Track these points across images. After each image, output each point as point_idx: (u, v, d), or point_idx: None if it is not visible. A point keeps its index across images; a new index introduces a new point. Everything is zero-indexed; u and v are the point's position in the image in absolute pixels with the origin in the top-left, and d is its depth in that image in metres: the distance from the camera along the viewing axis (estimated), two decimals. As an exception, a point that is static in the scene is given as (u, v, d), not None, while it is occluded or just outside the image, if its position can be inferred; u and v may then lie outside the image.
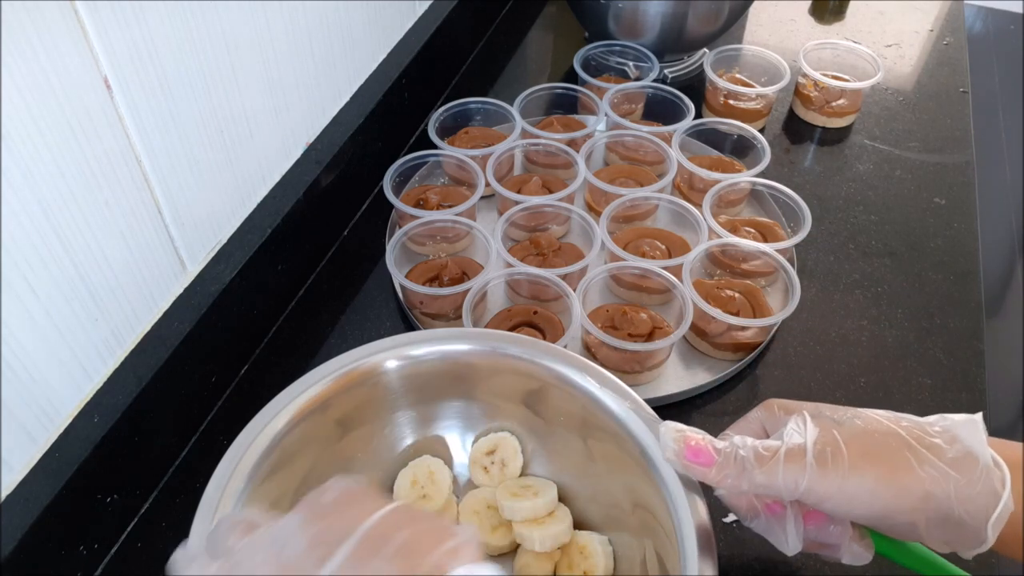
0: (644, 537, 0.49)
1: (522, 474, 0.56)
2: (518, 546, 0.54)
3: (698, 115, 0.88)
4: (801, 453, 0.41)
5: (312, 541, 0.32)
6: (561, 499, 0.55)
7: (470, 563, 0.32)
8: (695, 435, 0.44)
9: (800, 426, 0.43)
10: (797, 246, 0.73)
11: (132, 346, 0.57)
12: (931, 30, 1.07)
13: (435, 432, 0.57)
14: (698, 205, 0.74)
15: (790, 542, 0.45)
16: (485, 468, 0.56)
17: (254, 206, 0.67)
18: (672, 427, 0.45)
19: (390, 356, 0.51)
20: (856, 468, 0.40)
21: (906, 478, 0.40)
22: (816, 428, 0.42)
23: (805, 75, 0.91)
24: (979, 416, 0.42)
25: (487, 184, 0.75)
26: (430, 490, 0.54)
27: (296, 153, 0.72)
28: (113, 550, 0.56)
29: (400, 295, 0.72)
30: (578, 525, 0.54)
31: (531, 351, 0.52)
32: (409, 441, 0.57)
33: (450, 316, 0.69)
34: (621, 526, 0.52)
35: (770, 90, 0.88)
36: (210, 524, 0.42)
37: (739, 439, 0.43)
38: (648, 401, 0.64)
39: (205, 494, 0.43)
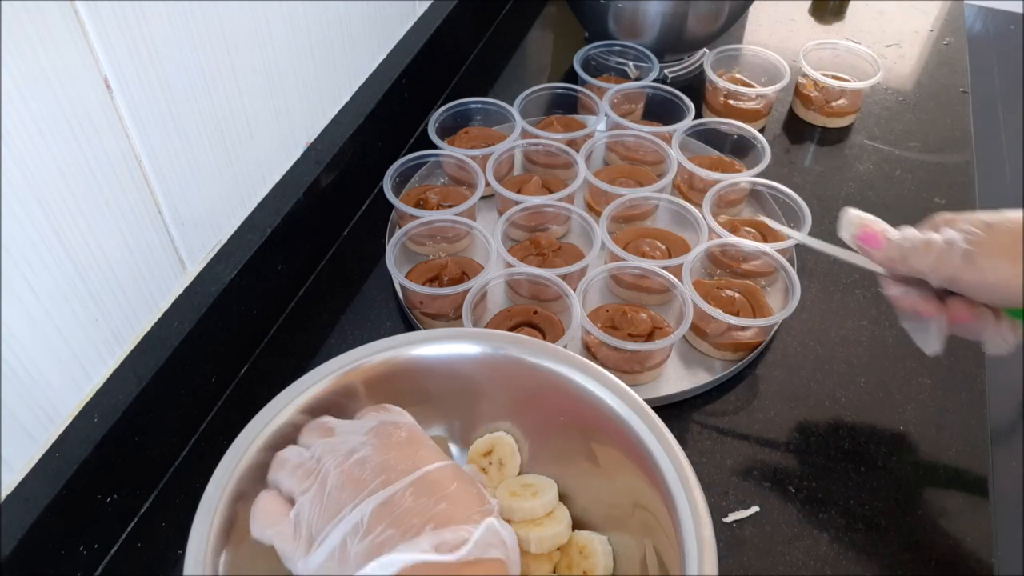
0: (644, 537, 0.49)
1: (522, 472, 0.56)
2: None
3: (698, 115, 0.88)
4: (952, 246, 0.49)
5: (380, 466, 0.39)
6: (562, 498, 0.55)
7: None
8: (872, 223, 0.54)
9: (957, 228, 0.51)
10: (797, 246, 0.73)
11: (132, 346, 0.57)
12: (931, 30, 1.07)
13: (434, 432, 0.57)
14: (698, 205, 0.74)
15: (931, 343, 0.54)
16: (483, 469, 0.56)
17: (254, 206, 0.67)
18: (855, 213, 0.55)
19: (389, 356, 0.51)
20: (998, 259, 0.48)
21: None
22: (969, 227, 0.50)
23: (805, 75, 0.91)
24: None
25: (487, 184, 0.75)
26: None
27: (296, 153, 0.72)
28: (113, 550, 0.56)
29: (400, 295, 0.72)
30: (578, 524, 0.54)
31: (530, 351, 0.52)
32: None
33: (450, 316, 0.69)
34: (621, 526, 0.52)
35: (770, 90, 0.88)
36: (210, 524, 0.42)
37: (908, 230, 0.53)
38: (648, 401, 0.65)
39: (205, 494, 0.43)
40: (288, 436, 0.47)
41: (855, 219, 0.55)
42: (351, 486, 0.38)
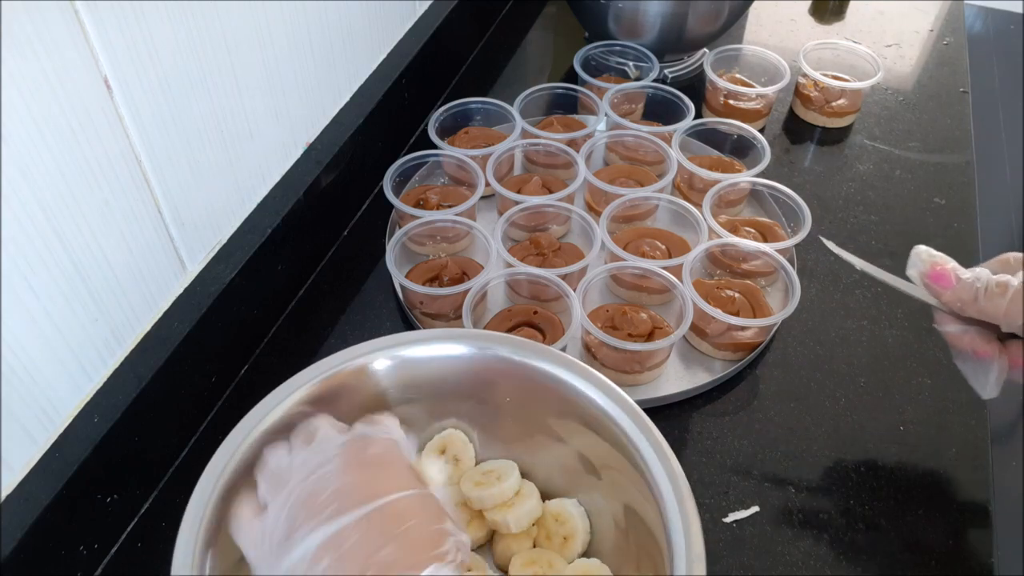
0: (616, 493, 0.49)
1: (479, 461, 0.56)
2: (494, 532, 0.54)
3: (698, 115, 0.88)
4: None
5: (336, 491, 0.37)
6: (524, 475, 0.55)
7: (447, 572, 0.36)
8: (943, 261, 0.51)
9: None
10: (797, 246, 0.73)
11: (132, 346, 0.57)
12: (931, 30, 1.07)
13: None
14: (698, 205, 0.74)
15: (989, 387, 0.51)
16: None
17: (254, 206, 0.67)
18: (924, 249, 0.52)
19: (375, 358, 0.51)
20: None
21: None
22: None
23: (805, 75, 0.91)
24: None
25: (487, 184, 0.75)
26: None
27: (296, 153, 0.72)
28: (113, 550, 0.56)
29: (400, 295, 0.72)
30: (547, 495, 0.54)
31: (457, 339, 0.51)
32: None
33: (450, 316, 0.69)
34: (591, 488, 0.52)
35: (770, 90, 0.88)
36: (198, 527, 0.42)
37: (980, 270, 0.50)
38: (648, 401, 0.65)
39: (193, 497, 0.43)
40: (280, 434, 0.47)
41: (925, 256, 0.52)
42: (307, 509, 0.38)
